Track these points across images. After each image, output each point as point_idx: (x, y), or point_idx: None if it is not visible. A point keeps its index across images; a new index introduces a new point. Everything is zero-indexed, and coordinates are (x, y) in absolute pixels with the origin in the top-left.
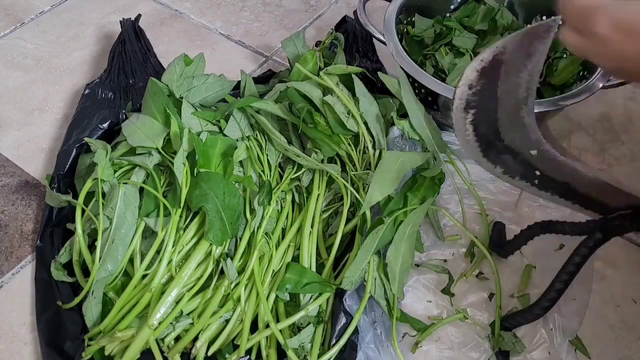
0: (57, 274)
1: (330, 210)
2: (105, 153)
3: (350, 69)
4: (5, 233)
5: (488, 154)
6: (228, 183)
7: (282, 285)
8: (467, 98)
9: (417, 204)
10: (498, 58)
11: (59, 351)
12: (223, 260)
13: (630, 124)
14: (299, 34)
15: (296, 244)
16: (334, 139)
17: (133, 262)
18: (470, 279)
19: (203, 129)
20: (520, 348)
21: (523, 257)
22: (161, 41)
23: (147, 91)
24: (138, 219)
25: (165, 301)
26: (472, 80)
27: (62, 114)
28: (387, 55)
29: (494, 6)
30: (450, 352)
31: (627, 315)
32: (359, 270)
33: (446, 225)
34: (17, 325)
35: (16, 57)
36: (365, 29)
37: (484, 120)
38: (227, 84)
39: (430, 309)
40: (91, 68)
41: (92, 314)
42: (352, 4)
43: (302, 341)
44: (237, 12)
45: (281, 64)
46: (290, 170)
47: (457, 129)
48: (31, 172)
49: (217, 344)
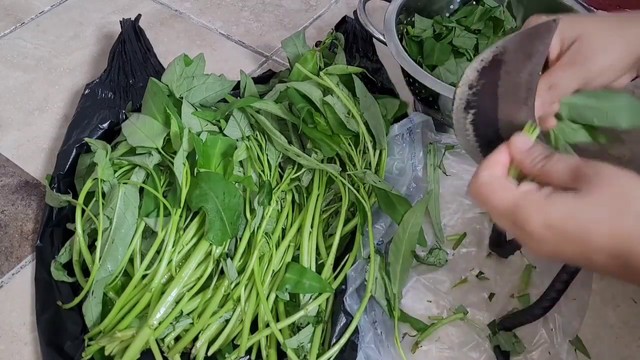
0: (57, 274)
1: (330, 210)
2: (105, 153)
3: (350, 69)
4: (5, 233)
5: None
6: (228, 183)
7: (282, 285)
8: (467, 98)
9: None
10: (498, 58)
11: (59, 351)
12: (223, 260)
13: None
14: (299, 34)
15: (296, 244)
16: (334, 139)
17: (133, 262)
18: (470, 279)
19: (203, 129)
20: (520, 348)
21: (523, 257)
22: (161, 41)
23: (147, 91)
24: (138, 219)
25: (165, 301)
26: (472, 80)
27: (62, 114)
28: (387, 55)
29: (492, 6)
30: (450, 352)
31: (627, 315)
32: None
33: (446, 226)
34: (17, 325)
35: (16, 57)
36: (365, 29)
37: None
38: (227, 84)
39: (430, 309)
40: (91, 68)
41: (92, 314)
42: (352, 4)
43: (301, 341)
44: (237, 12)
45: (281, 64)
46: (290, 170)
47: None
48: (31, 172)
49: (217, 344)
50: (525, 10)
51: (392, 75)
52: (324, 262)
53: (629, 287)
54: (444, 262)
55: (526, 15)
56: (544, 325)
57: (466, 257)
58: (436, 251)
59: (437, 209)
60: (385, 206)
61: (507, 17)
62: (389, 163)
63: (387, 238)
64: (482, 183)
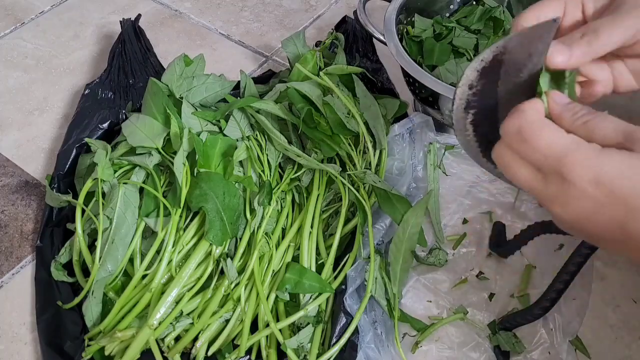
0: (57, 274)
1: (330, 210)
2: (105, 153)
3: (350, 69)
4: (5, 233)
5: (488, 154)
6: (228, 183)
7: (282, 285)
8: (467, 98)
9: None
10: (498, 58)
11: (59, 351)
12: (223, 260)
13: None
14: (299, 34)
15: (296, 244)
16: (334, 139)
17: (133, 262)
18: (470, 279)
19: (203, 129)
20: (520, 348)
21: (523, 257)
22: (161, 41)
23: (147, 91)
24: (138, 219)
25: (165, 301)
26: (472, 80)
27: (62, 114)
28: (387, 55)
29: (492, 6)
30: (450, 352)
31: (627, 315)
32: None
33: (446, 226)
34: (17, 325)
35: (16, 57)
36: (365, 29)
37: (484, 120)
38: (227, 84)
39: (430, 309)
40: (91, 68)
41: (92, 314)
42: (352, 4)
43: (301, 341)
44: (237, 12)
45: (281, 64)
46: (290, 170)
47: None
48: (31, 172)
49: (217, 344)
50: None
51: (392, 75)
52: (324, 262)
53: (629, 287)
54: (444, 262)
55: None
56: (544, 325)
57: (466, 257)
58: (436, 251)
59: (437, 209)
60: (385, 206)
61: (507, 17)
62: (389, 163)
63: (387, 238)
64: (531, 120)
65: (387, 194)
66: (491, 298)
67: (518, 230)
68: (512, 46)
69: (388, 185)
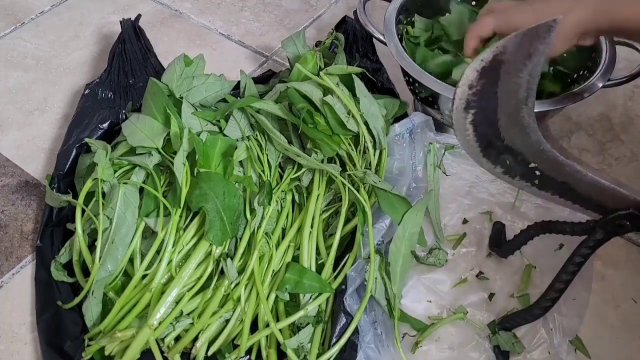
0: (57, 274)
1: (330, 210)
2: (105, 153)
3: (350, 69)
4: (5, 233)
5: (488, 154)
6: (228, 183)
7: (282, 285)
8: (467, 98)
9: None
10: (498, 58)
11: (59, 351)
12: (223, 260)
13: (630, 124)
14: (299, 34)
15: (296, 244)
16: (334, 139)
17: (133, 262)
18: (470, 279)
19: (203, 129)
20: (519, 348)
21: (523, 257)
22: (161, 41)
23: (147, 91)
24: (138, 219)
25: (165, 301)
26: (472, 80)
27: (62, 114)
28: (387, 55)
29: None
30: (450, 352)
31: (627, 315)
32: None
33: (446, 226)
34: (17, 325)
35: (16, 57)
36: (365, 29)
37: (484, 120)
38: (227, 84)
39: (430, 309)
40: (91, 68)
41: (92, 314)
42: (352, 4)
43: (301, 341)
44: (237, 12)
45: (281, 64)
46: (290, 170)
47: (457, 129)
48: (31, 172)
49: (217, 344)
50: None
51: (392, 75)
52: (324, 262)
53: (629, 287)
54: (444, 262)
55: None
56: (544, 325)
57: (466, 257)
58: (436, 251)
59: (437, 209)
60: (385, 206)
61: None
62: (389, 163)
63: (387, 238)
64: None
65: (387, 194)
66: (491, 298)
67: (518, 230)
68: (512, 46)
69: (388, 185)
